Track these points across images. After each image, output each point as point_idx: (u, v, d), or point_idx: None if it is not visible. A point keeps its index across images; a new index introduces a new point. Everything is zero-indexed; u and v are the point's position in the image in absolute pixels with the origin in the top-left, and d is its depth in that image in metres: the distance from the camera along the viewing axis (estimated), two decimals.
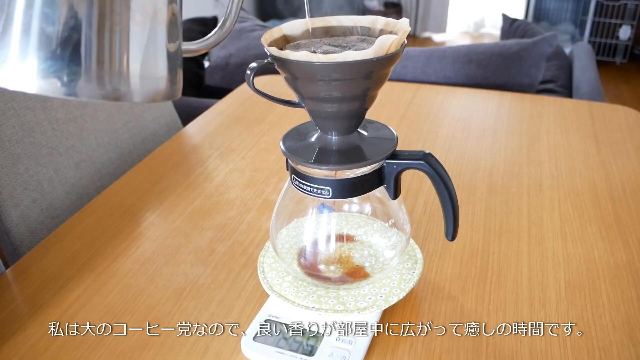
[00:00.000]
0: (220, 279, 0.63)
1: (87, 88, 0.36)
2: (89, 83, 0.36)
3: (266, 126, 1.01)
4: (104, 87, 0.36)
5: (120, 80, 0.37)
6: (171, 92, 0.41)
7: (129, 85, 0.37)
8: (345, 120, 0.50)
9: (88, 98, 0.36)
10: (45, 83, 0.35)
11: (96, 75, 0.36)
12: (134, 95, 0.38)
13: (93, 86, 0.36)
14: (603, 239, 0.68)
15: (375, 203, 0.55)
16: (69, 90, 0.35)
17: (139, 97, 0.38)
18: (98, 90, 0.36)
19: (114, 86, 0.37)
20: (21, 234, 0.79)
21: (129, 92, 0.38)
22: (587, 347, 0.53)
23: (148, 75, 0.38)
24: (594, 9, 3.66)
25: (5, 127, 0.80)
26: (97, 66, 0.36)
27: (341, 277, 0.55)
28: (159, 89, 0.40)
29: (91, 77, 0.36)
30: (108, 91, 0.36)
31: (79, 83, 0.35)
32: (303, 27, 0.51)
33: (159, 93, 0.40)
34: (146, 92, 0.39)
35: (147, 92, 0.39)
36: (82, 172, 0.92)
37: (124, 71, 0.37)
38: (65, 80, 0.35)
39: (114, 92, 0.37)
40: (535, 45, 1.36)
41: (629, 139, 0.93)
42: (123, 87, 0.37)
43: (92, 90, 0.36)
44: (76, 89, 0.35)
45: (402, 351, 0.53)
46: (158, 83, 0.39)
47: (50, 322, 0.57)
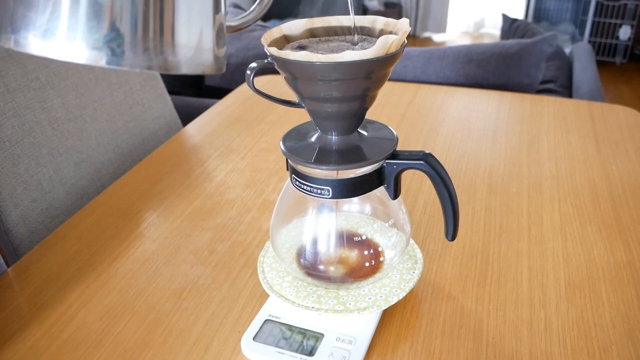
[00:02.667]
0: (220, 279, 0.63)
1: (135, 58, 0.36)
2: (137, 53, 0.36)
3: (266, 126, 1.01)
4: (152, 57, 0.36)
5: (168, 50, 0.37)
6: (218, 65, 0.41)
7: (177, 56, 0.37)
8: (345, 120, 0.50)
9: (136, 68, 0.36)
10: (95, 53, 0.35)
11: (144, 45, 0.36)
12: (181, 65, 0.38)
13: (141, 56, 0.36)
14: (603, 239, 0.68)
15: (375, 203, 0.55)
16: (117, 60, 0.35)
17: (187, 67, 0.38)
18: (146, 61, 0.36)
19: (163, 56, 0.37)
20: (21, 234, 0.79)
21: (176, 62, 0.38)
22: (587, 347, 0.53)
23: (195, 46, 0.38)
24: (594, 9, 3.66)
25: (5, 127, 0.80)
26: (145, 36, 0.36)
27: (341, 277, 0.55)
28: (206, 60, 0.40)
29: (139, 47, 0.36)
30: (156, 61, 0.37)
31: (127, 53, 0.35)
32: (303, 27, 0.51)
33: (206, 65, 0.40)
34: (193, 63, 0.39)
35: (194, 63, 0.39)
36: (82, 172, 0.92)
37: (171, 41, 0.37)
38: (114, 50, 0.35)
39: (163, 62, 0.37)
40: (535, 45, 1.36)
41: (629, 139, 0.93)
42: (171, 57, 0.37)
43: (141, 60, 0.36)
44: (124, 58, 0.36)
45: (402, 351, 0.53)
46: (205, 54, 0.39)
47: (50, 322, 0.57)
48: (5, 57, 0.82)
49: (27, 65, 0.85)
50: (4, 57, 0.82)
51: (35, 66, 0.86)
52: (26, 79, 0.85)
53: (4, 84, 0.81)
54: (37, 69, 0.87)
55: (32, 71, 0.86)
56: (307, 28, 0.51)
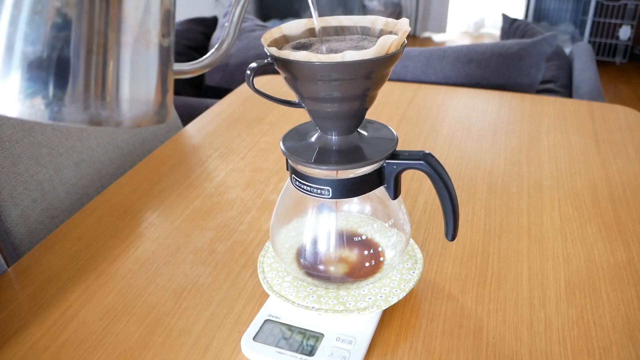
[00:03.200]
0: (220, 279, 0.63)
1: (72, 113, 0.34)
2: (74, 108, 0.34)
3: (266, 126, 1.01)
4: (90, 111, 0.34)
5: (107, 105, 0.35)
6: (160, 117, 0.39)
7: (117, 111, 0.35)
8: (345, 120, 0.50)
9: (73, 123, 0.34)
10: (29, 107, 0.33)
11: (82, 99, 0.34)
12: (121, 120, 0.36)
13: (78, 111, 0.34)
14: (603, 239, 0.68)
15: (375, 203, 0.55)
16: (52, 114, 0.33)
17: (127, 122, 0.36)
18: (83, 115, 0.34)
19: (101, 111, 0.35)
20: (21, 234, 0.79)
21: (116, 117, 0.35)
22: (587, 347, 0.53)
23: (137, 100, 0.36)
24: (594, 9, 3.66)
25: (5, 127, 0.80)
26: (83, 90, 0.34)
27: (341, 277, 0.55)
28: (148, 113, 0.37)
29: (77, 102, 0.34)
30: (94, 116, 0.34)
31: (63, 108, 0.33)
32: (303, 27, 0.51)
33: (147, 118, 0.37)
34: (134, 117, 0.36)
35: (135, 117, 0.37)
36: (82, 172, 0.92)
37: (111, 96, 0.35)
38: (50, 104, 0.33)
39: (100, 117, 0.35)
40: (535, 45, 1.36)
41: (629, 139, 0.93)
42: (110, 113, 0.35)
43: (78, 115, 0.34)
44: (60, 113, 0.33)
45: (402, 351, 0.53)
46: (147, 107, 0.37)
47: (50, 322, 0.57)
48: None
49: None
50: None
51: None
52: None
53: None
54: None
55: None
56: (307, 28, 0.51)
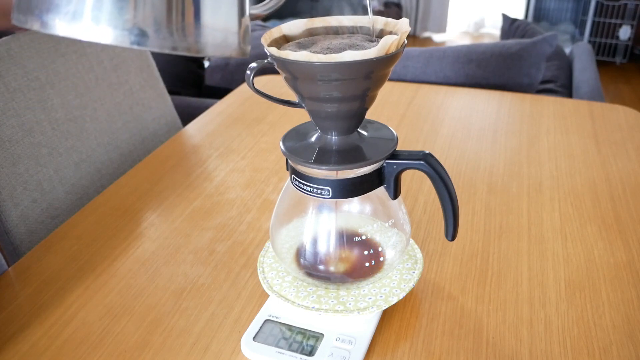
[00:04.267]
0: (220, 279, 0.63)
1: (160, 39, 0.36)
2: (162, 34, 0.36)
3: (266, 126, 1.01)
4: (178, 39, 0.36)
5: (193, 32, 0.37)
6: (242, 49, 0.41)
7: (203, 38, 0.37)
8: (345, 120, 0.50)
9: (163, 49, 0.36)
10: (121, 34, 0.35)
11: (169, 26, 0.36)
12: (207, 48, 0.38)
13: (167, 37, 0.36)
14: (603, 239, 0.68)
15: (375, 203, 0.55)
16: (143, 40, 0.35)
17: (212, 49, 0.38)
18: (172, 42, 0.36)
19: (188, 38, 0.37)
20: (21, 234, 0.79)
21: (202, 44, 0.37)
22: (587, 347, 0.53)
23: (220, 28, 0.38)
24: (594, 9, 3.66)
25: (5, 127, 0.80)
26: (170, 17, 0.36)
27: (341, 277, 0.55)
28: (231, 44, 0.39)
29: (164, 29, 0.36)
30: (182, 43, 0.36)
31: (152, 34, 0.35)
32: (303, 27, 0.51)
33: (230, 48, 0.39)
34: (218, 45, 0.39)
35: (219, 46, 0.39)
36: (82, 172, 0.92)
37: (196, 23, 0.37)
38: (140, 30, 0.35)
39: (188, 44, 0.37)
40: (535, 45, 1.36)
41: (629, 139, 0.93)
42: (197, 39, 0.37)
43: (166, 42, 0.36)
44: (150, 39, 0.35)
45: (402, 351, 0.53)
46: (230, 37, 0.39)
47: (50, 322, 0.57)
48: (5, 57, 0.82)
49: (27, 65, 0.85)
50: (4, 57, 0.82)
51: (35, 66, 0.86)
52: (26, 79, 0.84)
53: (4, 84, 0.81)
54: (37, 69, 0.87)
55: (32, 71, 0.86)
56: (307, 28, 0.51)
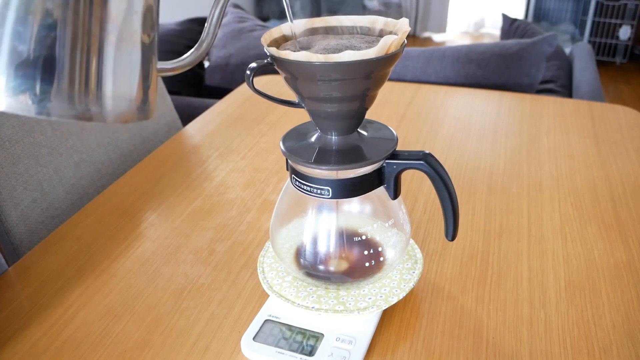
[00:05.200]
0: (220, 279, 0.63)
1: (58, 107, 0.35)
2: (60, 102, 0.35)
3: (266, 126, 1.01)
4: (75, 107, 0.36)
5: (92, 100, 0.36)
6: (143, 114, 0.40)
7: (101, 106, 0.37)
8: (345, 120, 0.50)
9: (58, 117, 0.35)
10: (15, 101, 0.34)
11: (68, 95, 0.35)
12: (105, 116, 0.37)
13: (64, 105, 0.35)
14: (603, 239, 0.68)
15: (375, 203, 0.55)
16: (39, 109, 0.35)
17: (111, 117, 0.38)
18: (69, 110, 0.35)
19: (86, 106, 0.36)
20: (21, 234, 0.79)
21: (100, 112, 0.37)
22: (587, 347, 0.53)
23: (121, 97, 0.38)
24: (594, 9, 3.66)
25: (5, 127, 0.80)
26: (69, 86, 0.35)
27: (341, 277, 0.55)
28: (131, 110, 0.39)
29: (62, 97, 0.35)
30: (79, 111, 0.36)
31: (49, 102, 0.35)
32: (303, 27, 0.51)
33: (131, 114, 0.39)
34: (118, 113, 0.38)
35: (119, 113, 0.38)
36: (82, 172, 0.92)
37: (96, 92, 0.36)
38: (36, 98, 0.34)
39: (85, 112, 0.36)
40: (535, 45, 1.36)
41: (629, 139, 0.93)
42: (95, 108, 0.37)
43: (63, 110, 0.35)
44: (47, 108, 0.35)
45: (402, 351, 0.53)
46: (131, 104, 0.39)
47: (50, 322, 0.57)
48: None
49: None
50: None
51: None
52: None
53: None
54: None
55: None
56: (306, 28, 0.51)
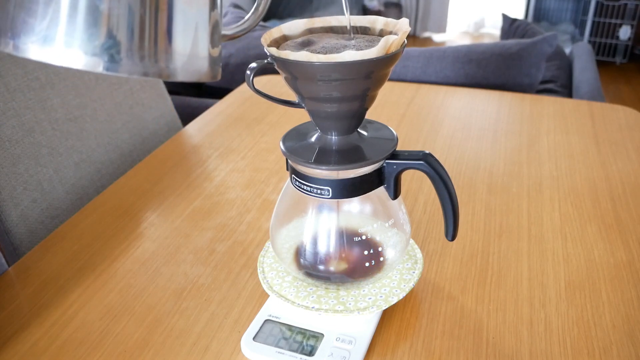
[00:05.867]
0: (220, 279, 0.63)
1: (132, 65, 0.36)
2: (133, 60, 0.36)
3: (266, 126, 1.01)
4: (148, 64, 0.37)
5: (164, 58, 0.37)
6: (213, 73, 0.41)
7: (173, 63, 0.38)
8: (345, 120, 0.50)
9: (133, 74, 0.37)
10: (92, 59, 0.36)
11: (140, 52, 0.36)
12: (177, 73, 0.39)
13: (138, 63, 0.36)
14: (603, 239, 0.68)
15: (375, 203, 0.55)
16: (114, 66, 0.36)
17: (183, 75, 0.39)
18: (143, 68, 0.37)
19: (159, 64, 0.37)
20: (21, 234, 0.79)
21: (173, 69, 0.38)
22: (587, 347, 0.53)
23: (192, 54, 0.39)
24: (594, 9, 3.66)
25: (5, 127, 0.80)
26: (141, 43, 0.36)
27: (341, 277, 0.55)
28: (202, 68, 0.40)
29: (136, 54, 0.36)
30: (153, 68, 0.37)
31: (123, 59, 0.36)
32: (303, 27, 0.51)
33: (201, 72, 0.40)
34: (190, 70, 0.39)
35: (190, 71, 0.39)
36: (82, 172, 0.92)
37: (168, 49, 0.37)
38: (112, 56, 0.36)
39: (159, 69, 0.37)
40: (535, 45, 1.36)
41: (629, 139, 0.93)
42: (167, 65, 0.38)
43: (138, 67, 0.37)
44: (121, 65, 0.36)
45: (402, 351, 0.53)
46: (201, 62, 0.40)
47: (50, 322, 0.57)
48: (5, 57, 0.82)
49: (27, 65, 0.85)
50: (4, 57, 0.82)
51: (35, 66, 0.86)
52: (26, 79, 0.85)
53: (4, 84, 0.81)
54: (37, 69, 0.87)
55: (32, 71, 0.86)
56: (306, 28, 0.51)
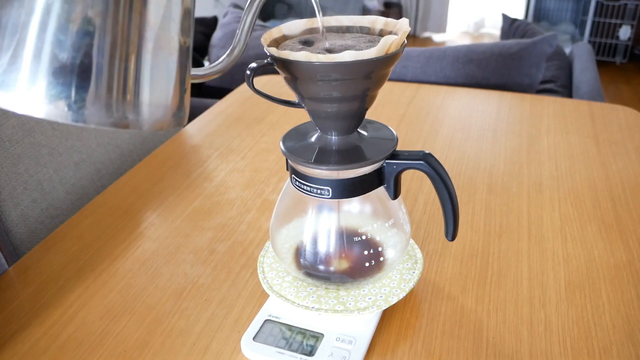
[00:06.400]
0: (220, 279, 0.63)
1: (95, 115, 0.36)
2: (97, 110, 0.36)
3: (266, 126, 1.01)
4: (113, 114, 0.36)
5: (129, 108, 0.37)
6: (178, 120, 0.41)
7: (138, 114, 0.37)
8: (345, 121, 0.50)
9: (96, 125, 0.36)
10: (54, 108, 0.35)
11: (105, 102, 0.36)
12: (142, 123, 0.38)
13: (102, 113, 0.36)
14: (603, 239, 0.68)
15: (375, 203, 0.55)
16: (77, 116, 0.35)
17: (147, 125, 0.38)
18: (106, 118, 0.36)
19: (123, 114, 0.37)
20: (21, 234, 0.79)
21: (137, 120, 0.37)
22: (587, 347, 0.53)
23: (157, 104, 0.38)
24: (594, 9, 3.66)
25: (5, 127, 0.80)
26: (107, 94, 0.36)
27: (341, 277, 0.55)
28: (167, 117, 0.39)
29: (100, 105, 0.35)
30: (116, 119, 0.36)
31: (87, 110, 0.35)
32: (303, 27, 0.51)
33: (166, 121, 0.40)
34: (154, 120, 0.38)
35: (155, 121, 0.39)
36: (82, 172, 0.92)
37: (133, 100, 0.37)
38: (74, 106, 0.35)
39: (122, 120, 0.37)
40: (535, 45, 1.36)
41: (629, 139, 0.93)
42: (131, 116, 0.37)
43: (101, 118, 0.36)
44: (85, 115, 0.35)
45: (402, 351, 0.53)
46: (166, 111, 0.39)
47: (50, 322, 0.57)
48: None
49: None
50: None
51: None
52: None
53: None
54: None
55: None
56: (307, 28, 0.51)
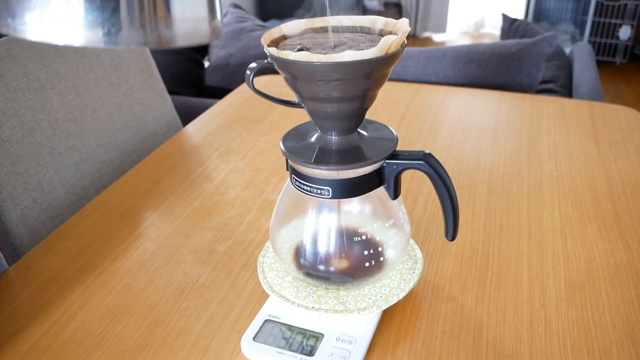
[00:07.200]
0: (220, 279, 0.63)
1: (132, 36, 0.36)
2: (133, 30, 0.36)
3: (266, 126, 1.01)
4: (148, 33, 0.37)
5: (163, 25, 0.37)
6: (213, 34, 0.42)
7: (173, 30, 0.38)
8: (345, 120, 0.50)
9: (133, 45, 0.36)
10: (92, 34, 0.35)
11: (140, 22, 0.36)
12: (177, 39, 0.38)
13: (138, 33, 0.36)
14: (603, 239, 0.68)
15: (375, 203, 0.55)
16: (114, 39, 0.36)
17: (183, 40, 0.39)
18: (142, 37, 0.37)
19: (158, 32, 0.37)
20: (21, 234, 0.79)
21: (172, 36, 0.38)
22: (587, 347, 0.53)
23: (190, 18, 0.39)
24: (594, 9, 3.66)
25: (5, 127, 0.80)
26: (140, 13, 0.36)
27: (341, 277, 0.55)
28: (202, 31, 0.40)
29: (135, 25, 0.36)
30: (152, 37, 0.37)
31: (123, 31, 0.36)
32: (303, 27, 0.51)
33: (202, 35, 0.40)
34: (189, 35, 0.39)
35: (190, 35, 0.39)
36: (82, 172, 0.92)
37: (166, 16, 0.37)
38: (110, 29, 0.36)
39: (159, 37, 0.37)
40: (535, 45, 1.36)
41: (629, 139, 0.93)
42: (166, 32, 0.38)
43: (137, 37, 0.36)
44: (120, 37, 0.36)
45: (402, 351, 0.53)
46: (200, 25, 0.40)
47: (50, 322, 0.57)
48: (5, 57, 0.82)
49: (27, 65, 0.85)
50: (4, 57, 0.82)
51: (35, 66, 0.86)
52: (26, 79, 0.84)
53: (4, 84, 0.81)
54: (37, 69, 0.87)
55: (32, 71, 0.86)
56: (307, 28, 0.51)
